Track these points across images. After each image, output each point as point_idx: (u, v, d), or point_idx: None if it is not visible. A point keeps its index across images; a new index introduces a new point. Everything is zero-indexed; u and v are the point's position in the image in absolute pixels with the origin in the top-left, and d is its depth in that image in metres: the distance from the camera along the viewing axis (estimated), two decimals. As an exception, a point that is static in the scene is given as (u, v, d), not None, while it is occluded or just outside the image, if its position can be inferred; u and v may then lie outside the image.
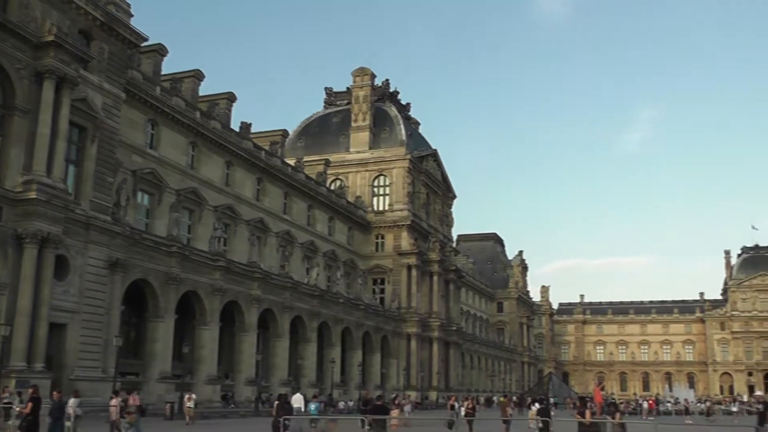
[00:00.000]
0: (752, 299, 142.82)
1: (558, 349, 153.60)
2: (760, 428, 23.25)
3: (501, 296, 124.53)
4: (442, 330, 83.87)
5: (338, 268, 70.17)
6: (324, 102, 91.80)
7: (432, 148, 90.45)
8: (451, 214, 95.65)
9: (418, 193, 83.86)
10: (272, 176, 60.64)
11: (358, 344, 67.89)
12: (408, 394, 63.10)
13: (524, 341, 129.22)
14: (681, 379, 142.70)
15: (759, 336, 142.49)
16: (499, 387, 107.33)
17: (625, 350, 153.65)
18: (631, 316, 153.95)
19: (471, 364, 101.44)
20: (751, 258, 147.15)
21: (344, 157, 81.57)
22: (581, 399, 23.80)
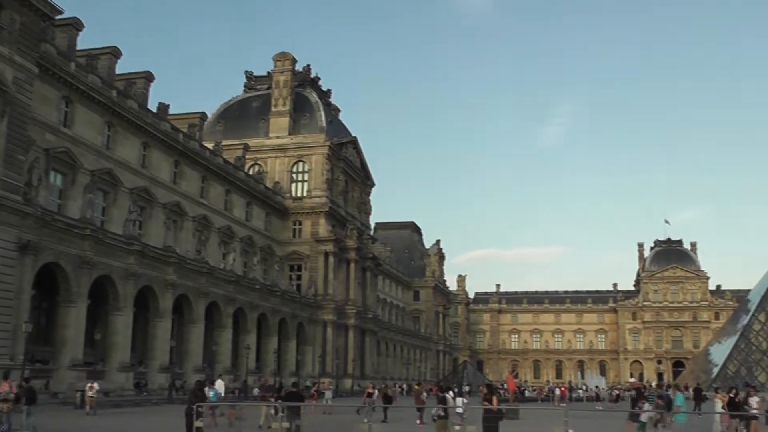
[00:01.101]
0: (663, 290, 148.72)
1: (473, 337, 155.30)
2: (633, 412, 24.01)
3: (418, 285, 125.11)
4: (359, 317, 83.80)
5: (255, 253, 69.37)
6: (244, 86, 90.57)
7: (352, 135, 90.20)
8: (370, 202, 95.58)
9: (337, 180, 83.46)
10: (190, 159, 59.44)
11: (274, 331, 67.24)
12: (326, 381, 62.76)
13: (440, 330, 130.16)
14: (593, 366, 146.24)
15: (669, 326, 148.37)
16: (414, 375, 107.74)
17: (539, 339, 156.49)
18: (545, 305, 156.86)
19: (386, 352, 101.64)
20: (663, 251, 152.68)
21: (263, 142, 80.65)
22: (488, 386, 23.95)
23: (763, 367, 78.24)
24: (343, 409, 41.49)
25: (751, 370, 77.54)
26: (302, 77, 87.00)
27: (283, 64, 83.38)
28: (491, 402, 21.06)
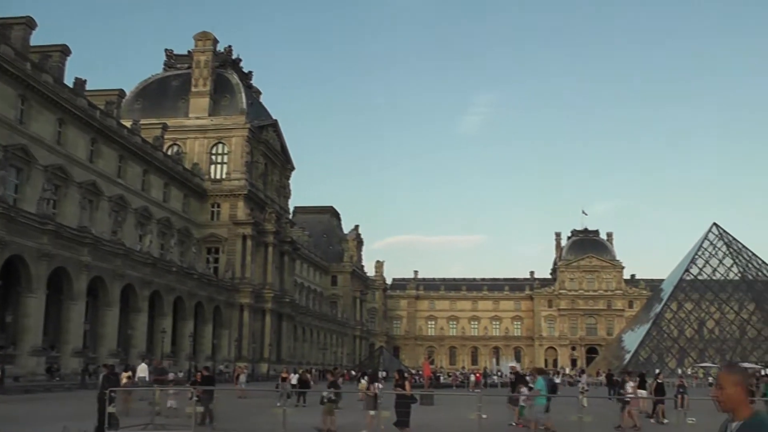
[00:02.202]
0: (579, 279, 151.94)
1: (390, 323, 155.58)
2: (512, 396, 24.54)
3: (335, 270, 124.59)
4: (276, 302, 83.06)
5: (172, 235, 68.01)
6: (164, 64, 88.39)
7: (272, 118, 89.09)
8: (289, 186, 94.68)
9: (257, 163, 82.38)
10: (107, 137, 57.75)
11: (190, 314, 66.09)
12: (242, 365, 61.87)
13: (357, 315, 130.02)
14: (508, 353, 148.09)
15: (584, 313, 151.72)
16: (330, 360, 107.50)
17: (455, 325, 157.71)
18: (463, 292, 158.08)
19: (303, 337, 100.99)
20: (580, 241, 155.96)
21: (183, 122, 78.99)
22: (399, 372, 24.06)
23: (673, 353, 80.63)
24: (258, 394, 40.99)
25: (662, 357, 79.89)
26: (223, 58, 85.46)
27: (204, 44, 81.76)
28: (404, 388, 21.20)
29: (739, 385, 4.44)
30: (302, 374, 41.04)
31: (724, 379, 4.50)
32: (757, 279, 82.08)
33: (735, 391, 4.44)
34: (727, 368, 4.62)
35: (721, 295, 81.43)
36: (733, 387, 4.44)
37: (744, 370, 4.62)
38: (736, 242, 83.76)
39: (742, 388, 4.45)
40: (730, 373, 4.51)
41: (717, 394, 4.50)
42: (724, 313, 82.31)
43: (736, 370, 4.56)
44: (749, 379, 4.16)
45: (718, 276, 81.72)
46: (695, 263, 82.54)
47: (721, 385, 4.49)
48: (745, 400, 4.45)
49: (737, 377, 4.47)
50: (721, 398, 4.46)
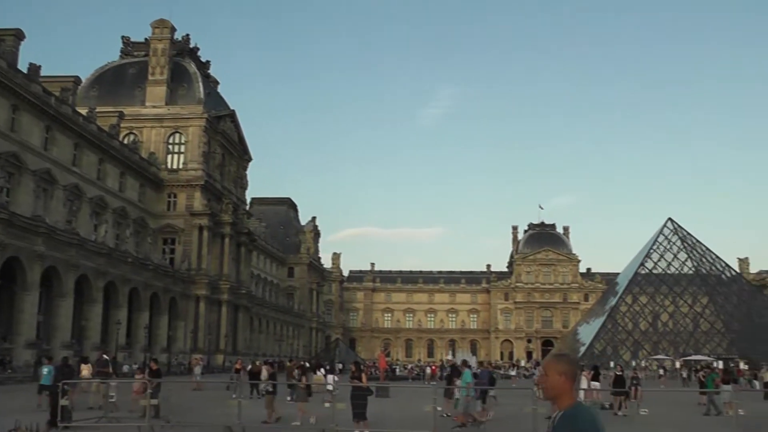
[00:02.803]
0: (535, 272, 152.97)
1: (347, 315, 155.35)
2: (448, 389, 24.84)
3: (292, 261, 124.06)
4: (232, 293, 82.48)
5: (128, 226, 67.22)
6: (121, 51, 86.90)
7: (230, 108, 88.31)
8: (246, 177, 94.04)
9: (214, 154, 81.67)
10: (62, 125, 56.74)
11: (146, 305, 65.39)
12: (197, 357, 61.32)
13: (314, 307, 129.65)
14: (464, 345, 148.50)
15: (540, 306, 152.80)
16: (286, 352, 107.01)
17: (412, 318, 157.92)
18: (419, 285, 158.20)
19: (259, 328, 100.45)
20: (536, 234, 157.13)
21: (139, 111, 77.95)
22: (356, 364, 24.18)
23: (627, 346, 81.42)
24: (212, 385, 40.72)
25: (616, 349, 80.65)
26: (181, 47, 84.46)
27: (161, 32, 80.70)
28: (360, 379, 21.25)
29: (564, 374, 4.48)
30: (253, 366, 40.73)
31: (549, 367, 4.55)
32: (711, 273, 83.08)
33: (559, 380, 4.48)
34: (555, 357, 4.68)
35: (676, 289, 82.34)
36: (557, 375, 4.49)
37: (572, 362, 4.65)
38: (690, 237, 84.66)
39: (567, 378, 4.48)
40: (556, 362, 4.57)
41: (542, 381, 4.58)
42: (678, 306, 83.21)
43: (564, 359, 4.62)
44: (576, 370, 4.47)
45: (672, 270, 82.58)
46: (650, 257, 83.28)
47: (546, 373, 4.54)
48: (568, 390, 4.49)
49: (563, 367, 4.52)
50: (545, 385, 4.52)
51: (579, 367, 23.55)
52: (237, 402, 21.25)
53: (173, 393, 24.06)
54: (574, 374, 4.55)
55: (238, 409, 20.72)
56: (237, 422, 19.93)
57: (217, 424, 20.46)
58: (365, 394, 20.92)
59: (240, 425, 19.86)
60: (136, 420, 20.82)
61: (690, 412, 28.52)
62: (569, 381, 4.50)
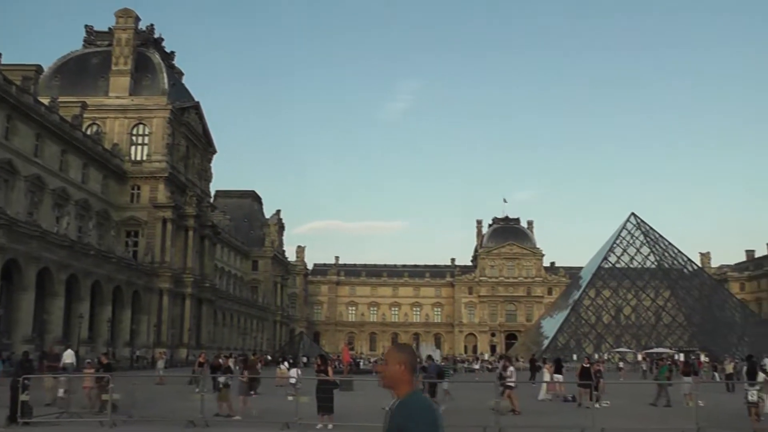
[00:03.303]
0: (499, 266, 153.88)
1: (311, 308, 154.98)
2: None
3: (256, 254, 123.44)
4: (196, 286, 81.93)
5: (91, 218, 66.39)
6: (84, 41, 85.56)
7: (194, 100, 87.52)
8: (211, 169, 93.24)
9: (178, 146, 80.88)
10: (23, 115, 55.80)
11: (108, 299, 64.65)
12: (160, 351, 60.85)
13: (278, 300, 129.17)
14: (428, 339, 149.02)
15: (503, 300, 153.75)
16: (250, 345, 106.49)
17: (376, 311, 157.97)
18: (384, 278, 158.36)
19: (223, 322, 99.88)
20: (501, 228, 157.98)
21: (103, 101, 76.91)
22: (322, 357, 24.20)
23: (590, 339, 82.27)
24: (175, 379, 40.44)
25: (579, 342, 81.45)
26: (145, 37, 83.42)
27: (125, 21, 79.58)
28: (326, 373, 21.26)
29: (404, 364, 4.64)
30: (215, 360, 40.50)
31: (390, 357, 4.72)
32: (673, 267, 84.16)
33: (397, 370, 4.64)
34: (396, 347, 4.84)
35: (638, 283, 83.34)
36: (396, 365, 4.64)
37: (412, 353, 4.78)
38: (653, 232, 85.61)
39: (406, 368, 4.63)
40: (397, 352, 4.74)
41: (381, 369, 4.72)
42: (641, 300, 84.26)
43: (405, 350, 4.79)
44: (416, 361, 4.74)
45: (635, 264, 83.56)
46: (613, 251, 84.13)
47: (386, 362, 4.70)
48: (407, 380, 4.63)
49: (402, 356, 4.68)
50: (385, 374, 4.68)
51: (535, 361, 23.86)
52: (200, 396, 21.11)
53: (137, 387, 23.81)
54: (413, 365, 4.69)
55: (201, 403, 20.59)
56: (200, 416, 19.80)
57: (180, 419, 20.27)
58: (331, 387, 20.90)
59: (203, 419, 19.72)
60: (96, 415, 20.61)
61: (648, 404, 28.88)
62: (408, 371, 4.65)
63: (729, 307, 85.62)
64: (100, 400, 21.15)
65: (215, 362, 36.53)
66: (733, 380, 36.97)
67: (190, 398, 22.65)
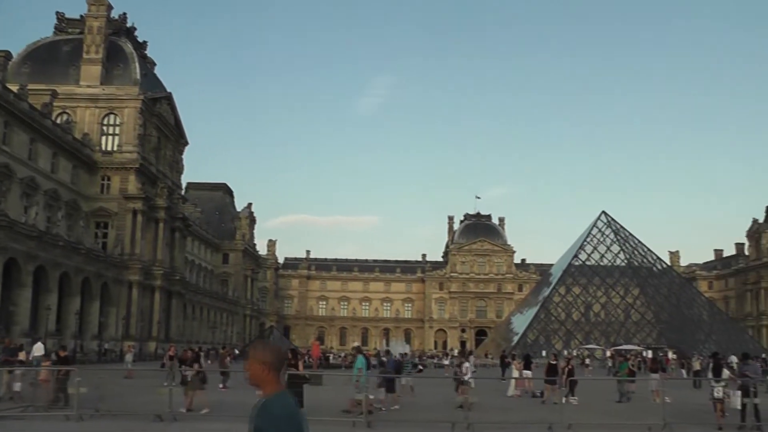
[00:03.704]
0: (470, 262, 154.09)
1: (281, 302, 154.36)
2: None
3: (227, 248, 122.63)
4: (166, 279, 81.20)
5: (60, 208, 65.63)
6: (55, 28, 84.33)
7: (167, 91, 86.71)
8: (182, 161, 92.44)
9: (150, 136, 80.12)
10: (-9, 102, 55.14)
11: (77, 291, 63.91)
12: (129, 344, 60.29)
13: (248, 294, 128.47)
14: (398, 334, 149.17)
15: (474, 296, 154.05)
16: (220, 339, 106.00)
17: (346, 306, 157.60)
18: (354, 273, 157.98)
19: (193, 315, 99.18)
20: (472, 225, 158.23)
21: (73, 90, 75.98)
22: (293, 351, 24.18)
23: (560, 335, 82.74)
24: (144, 373, 40.08)
25: (549, 339, 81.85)
26: (117, 26, 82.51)
27: (97, 9, 78.56)
28: (296, 367, 21.20)
29: (264, 363, 4.68)
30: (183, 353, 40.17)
31: (251, 355, 4.76)
32: (642, 266, 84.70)
33: (259, 369, 4.67)
34: (258, 346, 4.87)
35: (608, 281, 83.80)
36: (258, 364, 4.68)
37: (275, 352, 4.81)
38: (623, 230, 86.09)
39: (266, 367, 4.67)
40: (258, 351, 4.78)
41: (247, 368, 4.76)
42: (610, 297, 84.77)
43: (267, 349, 4.80)
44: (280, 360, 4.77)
45: (605, 262, 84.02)
46: (584, 249, 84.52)
47: (249, 360, 4.74)
48: (270, 379, 4.68)
49: (264, 355, 4.71)
50: (249, 373, 4.72)
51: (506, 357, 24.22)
52: (168, 390, 20.84)
53: (104, 381, 23.49)
54: (275, 364, 4.72)
55: (169, 397, 20.35)
56: (168, 410, 19.56)
57: (148, 413, 20.01)
58: (301, 381, 20.80)
59: (171, 413, 19.48)
60: (62, 409, 20.33)
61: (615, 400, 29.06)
62: (270, 370, 4.68)
63: (697, 305, 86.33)
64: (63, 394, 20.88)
65: (184, 355, 36.31)
66: (700, 377, 37.36)
67: (158, 392, 22.41)
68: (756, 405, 20.40)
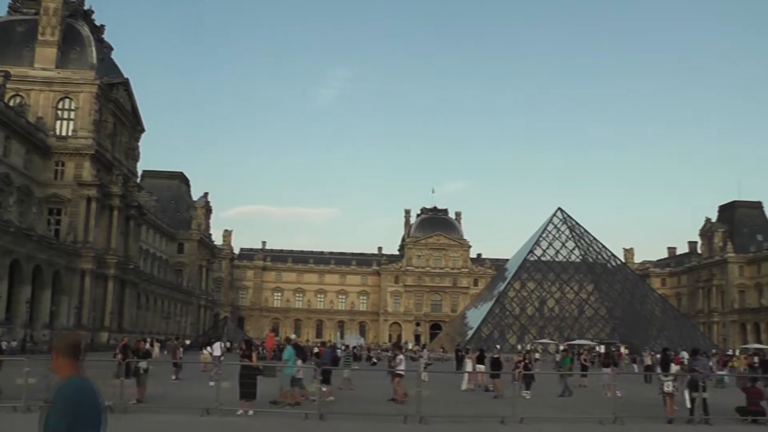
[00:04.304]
0: (426, 256, 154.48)
1: (236, 293, 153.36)
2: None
3: (183, 237, 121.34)
4: (119, 268, 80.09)
5: (11, 194, 64.32)
6: (9, 7, 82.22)
7: (124, 76, 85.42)
8: (138, 148, 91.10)
9: (105, 122, 78.85)
10: (-58, 84, 53.80)
11: (28, 279, 62.68)
12: (81, 334, 59.25)
13: (203, 284, 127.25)
14: (353, 327, 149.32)
15: (429, 290, 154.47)
16: (174, 329, 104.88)
17: (302, 298, 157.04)
18: (310, 265, 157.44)
19: (146, 305, 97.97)
20: (429, 219, 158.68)
21: (27, 72, 74.39)
22: (247, 342, 24.06)
23: (514, 330, 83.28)
24: (95, 364, 39.31)
25: (503, 333, 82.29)
26: (74, 8, 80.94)
27: (54, -10, 77.16)
28: (250, 358, 21.07)
29: (56, 350, 5.02)
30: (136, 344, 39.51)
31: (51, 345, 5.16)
32: (597, 262, 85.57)
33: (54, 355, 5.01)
34: (55, 335, 5.30)
35: (563, 276, 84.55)
36: (53, 352, 5.04)
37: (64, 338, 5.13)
38: (578, 227, 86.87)
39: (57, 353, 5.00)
40: (54, 339, 5.20)
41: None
42: (565, 293, 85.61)
43: (59, 336, 5.18)
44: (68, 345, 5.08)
45: (560, 258, 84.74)
46: (539, 245, 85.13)
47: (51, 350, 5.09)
48: (62, 364, 4.98)
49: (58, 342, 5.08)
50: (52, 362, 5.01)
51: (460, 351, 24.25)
52: (119, 381, 20.45)
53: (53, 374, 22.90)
54: (65, 350, 5.01)
55: (120, 388, 19.97)
56: (118, 401, 19.17)
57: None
58: (255, 373, 20.62)
59: (122, 405, 19.09)
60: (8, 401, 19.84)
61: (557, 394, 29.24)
62: (62, 356, 4.98)
63: (650, 301, 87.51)
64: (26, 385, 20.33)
65: (136, 346, 35.74)
66: (650, 372, 37.90)
67: (107, 383, 21.93)
68: (705, 399, 20.94)
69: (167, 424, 17.54)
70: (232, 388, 20.02)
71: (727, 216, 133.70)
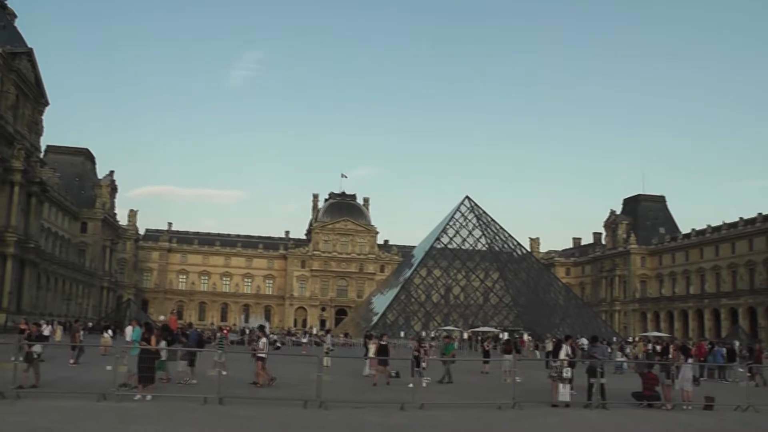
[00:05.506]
0: (333, 241, 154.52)
1: (140, 275, 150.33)
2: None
3: (86, 216, 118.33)
4: (19, 246, 77.66)
5: None
6: None
7: (28, 46, 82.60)
8: (42, 122, 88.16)
9: (7, 93, 76.12)
10: None
11: None
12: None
13: (106, 265, 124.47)
14: (258, 311, 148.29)
15: (336, 275, 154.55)
16: (75, 311, 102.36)
17: (207, 280, 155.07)
18: (216, 247, 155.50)
19: (47, 286, 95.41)
20: (337, 204, 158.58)
21: None
22: (146, 325, 23.81)
23: (419, 317, 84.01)
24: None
25: (408, 320, 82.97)
26: (-27, -29, 78.26)
27: (-49, -47, 74.30)
28: (149, 342, 20.77)
29: None
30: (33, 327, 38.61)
31: None
32: (503, 251, 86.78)
33: None
34: None
35: (469, 264, 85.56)
36: None
37: None
38: (485, 215, 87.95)
39: None
40: None
41: None
42: (470, 280, 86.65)
43: None
44: None
45: (467, 246, 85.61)
46: (446, 232, 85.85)
47: None
48: None
49: None
50: None
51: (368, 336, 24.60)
52: (13, 365, 19.86)
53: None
54: None
55: (14, 372, 19.42)
56: (11, 387, 18.63)
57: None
58: (154, 357, 20.38)
59: (15, 391, 18.58)
60: None
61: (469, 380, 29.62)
62: None
63: (554, 290, 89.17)
64: None
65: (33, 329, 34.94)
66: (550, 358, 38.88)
67: (1, 367, 21.39)
68: (602, 384, 21.59)
69: (60, 410, 17.07)
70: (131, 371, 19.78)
71: (631, 209, 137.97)
